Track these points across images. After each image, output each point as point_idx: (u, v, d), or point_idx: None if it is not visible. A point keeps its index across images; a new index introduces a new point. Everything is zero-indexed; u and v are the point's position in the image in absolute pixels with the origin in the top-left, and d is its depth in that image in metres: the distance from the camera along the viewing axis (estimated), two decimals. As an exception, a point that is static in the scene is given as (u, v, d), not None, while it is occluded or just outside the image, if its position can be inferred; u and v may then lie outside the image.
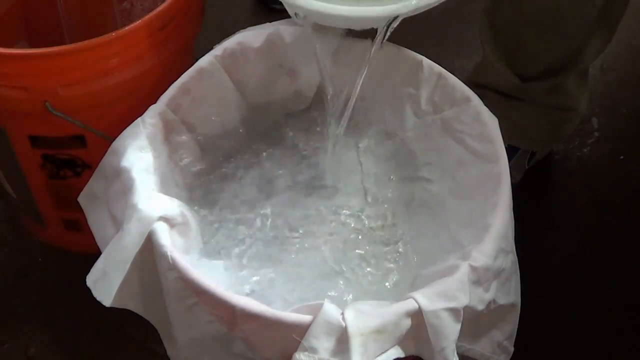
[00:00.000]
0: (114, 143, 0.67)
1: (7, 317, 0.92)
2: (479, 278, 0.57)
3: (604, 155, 1.12)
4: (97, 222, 0.67)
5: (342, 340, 0.53)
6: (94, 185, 0.68)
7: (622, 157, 1.12)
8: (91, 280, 0.61)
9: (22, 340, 0.90)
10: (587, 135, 1.14)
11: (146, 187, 0.61)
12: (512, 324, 0.62)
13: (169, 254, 0.58)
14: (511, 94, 0.97)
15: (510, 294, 0.61)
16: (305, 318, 0.55)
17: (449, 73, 0.73)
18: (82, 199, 0.69)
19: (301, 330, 0.55)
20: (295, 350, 0.55)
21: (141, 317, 0.65)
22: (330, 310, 0.55)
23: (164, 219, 0.60)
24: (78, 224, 0.87)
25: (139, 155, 0.65)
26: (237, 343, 0.58)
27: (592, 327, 0.93)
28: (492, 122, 0.68)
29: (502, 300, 0.60)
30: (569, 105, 1.01)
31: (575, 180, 1.09)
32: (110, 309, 0.61)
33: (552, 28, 0.91)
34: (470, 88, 0.73)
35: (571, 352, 0.91)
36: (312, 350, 0.53)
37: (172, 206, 0.61)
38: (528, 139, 1.02)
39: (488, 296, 0.58)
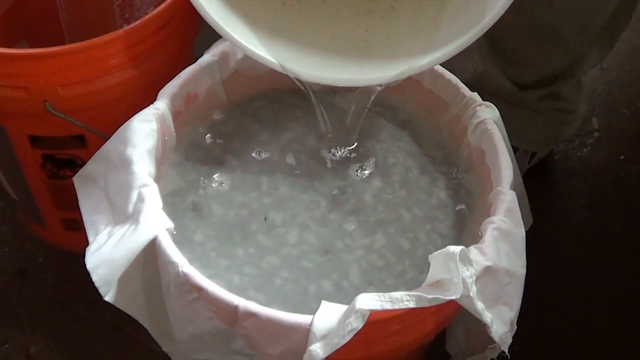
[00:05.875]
0: (123, 130, 0.67)
1: (7, 317, 0.92)
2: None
3: (604, 155, 1.12)
4: (90, 204, 0.67)
5: (349, 312, 0.54)
6: (92, 167, 0.69)
7: (622, 157, 1.12)
8: (92, 264, 0.60)
9: (22, 340, 0.90)
10: (587, 135, 1.14)
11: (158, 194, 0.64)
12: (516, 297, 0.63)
13: (169, 250, 0.59)
14: (509, 100, 0.97)
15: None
16: (306, 317, 0.55)
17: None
18: (77, 180, 0.69)
19: (303, 329, 0.55)
20: (298, 347, 0.55)
21: (141, 316, 0.65)
22: (330, 304, 0.55)
23: (169, 230, 0.62)
24: (78, 224, 0.87)
25: (151, 155, 0.66)
26: (236, 340, 0.58)
27: (592, 327, 0.93)
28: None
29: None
30: (567, 108, 1.02)
31: (575, 180, 1.09)
32: (110, 308, 0.61)
33: (549, 40, 0.91)
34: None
35: (571, 352, 0.91)
36: (323, 337, 0.54)
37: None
38: (528, 140, 1.02)
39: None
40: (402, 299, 0.55)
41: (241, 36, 0.68)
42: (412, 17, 0.71)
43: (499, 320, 0.60)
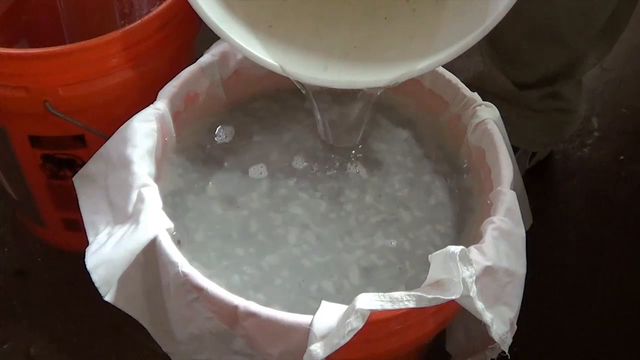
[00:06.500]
0: (123, 130, 0.67)
1: (7, 317, 0.92)
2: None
3: (604, 155, 1.12)
4: (90, 204, 0.67)
5: (349, 312, 0.54)
6: (92, 167, 0.69)
7: (622, 157, 1.12)
8: (92, 263, 0.60)
9: (22, 340, 0.90)
10: (587, 135, 1.14)
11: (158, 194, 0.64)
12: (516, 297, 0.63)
13: (169, 250, 0.59)
14: (509, 100, 0.97)
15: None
16: (306, 318, 0.55)
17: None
18: (77, 180, 0.69)
19: (303, 329, 0.55)
20: (298, 347, 0.55)
21: (141, 316, 0.65)
22: (330, 304, 0.56)
23: (169, 230, 0.62)
24: (78, 224, 0.87)
25: (151, 155, 0.66)
26: (236, 340, 0.58)
27: (592, 327, 0.93)
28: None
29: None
30: (567, 108, 1.02)
31: (575, 180, 1.09)
32: (110, 308, 0.61)
33: (549, 40, 0.91)
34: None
35: (571, 352, 0.91)
36: (323, 337, 0.54)
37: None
38: (528, 140, 1.02)
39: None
40: (402, 299, 0.55)
41: (240, 38, 0.68)
42: (412, 19, 0.71)
43: (499, 320, 0.60)
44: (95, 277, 0.59)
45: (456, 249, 0.55)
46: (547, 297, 0.94)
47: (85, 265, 0.60)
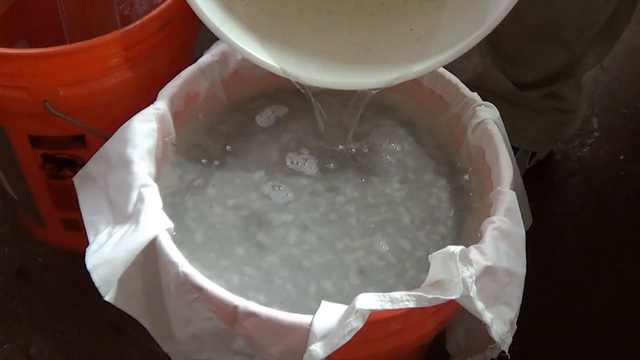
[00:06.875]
0: (123, 130, 0.67)
1: (7, 317, 0.92)
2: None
3: (604, 155, 1.12)
4: (90, 205, 0.67)
5: (349, 312, 0.54)
6: (92, 167, 0.69)
7: (622, 157, 1.12)
8: (92, 263, 0.60)
9: (22, 340, 0.90)
10: (587, 135, 1.14)
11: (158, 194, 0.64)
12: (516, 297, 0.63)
13: (169, 250, 0.59)
14: (509, 100, 0.97)
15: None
16: (306, 317, 0.55)
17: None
18: (77, 180, 0.69)
19: (303, 329, 0.55)
20: (298, 347, 0.55)
21: (141, 316, 0.65)
22: (330, 304, 0.56)
23: (169, 230, 0.62)
24: (78, 224, 0.87)
25: (151, 155, 0.66)
26: (236, 340, 0.59)
27: (592, 327, 0.93)
28: None
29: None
30: (567, 108, 1.02)
31: (575, 180, 1.09)
32: (110, 308, 0.61)
33: (549, 40, 0.91)
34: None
35: (571, 352, 0.91)
36: (323, 337, 0.54)
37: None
38: (528, 139, 1.02)
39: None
40: (402, 299, 0.55)
41: (240, 39, 0.68)
42: (411, 20, 0.71)
43: (499, 320, 0.60)
44: (96, 277, 0.59)
45: (456, 249, 0.55)
46: (547, 297, 0.94)
47: (85, 265, 0.60)
